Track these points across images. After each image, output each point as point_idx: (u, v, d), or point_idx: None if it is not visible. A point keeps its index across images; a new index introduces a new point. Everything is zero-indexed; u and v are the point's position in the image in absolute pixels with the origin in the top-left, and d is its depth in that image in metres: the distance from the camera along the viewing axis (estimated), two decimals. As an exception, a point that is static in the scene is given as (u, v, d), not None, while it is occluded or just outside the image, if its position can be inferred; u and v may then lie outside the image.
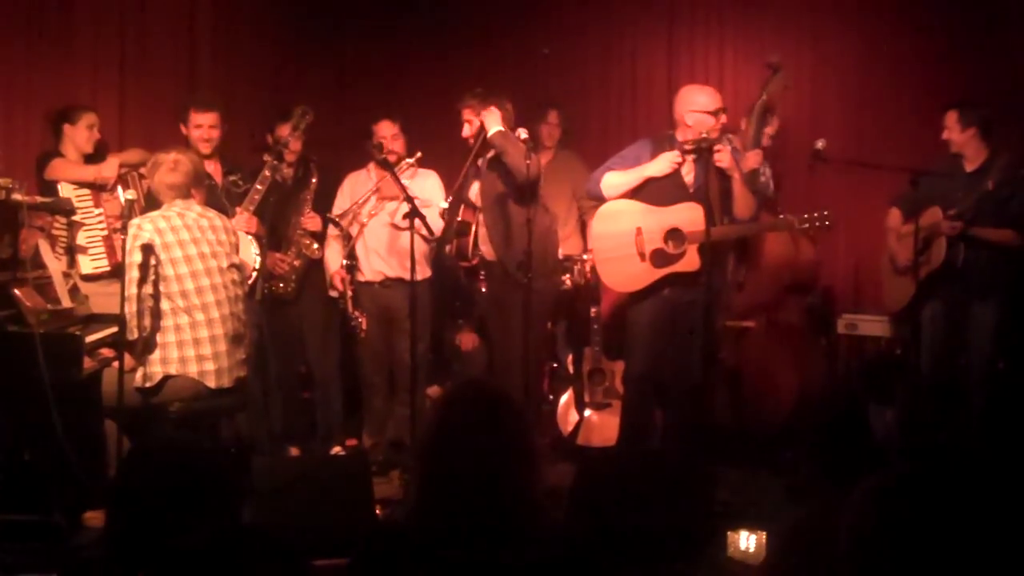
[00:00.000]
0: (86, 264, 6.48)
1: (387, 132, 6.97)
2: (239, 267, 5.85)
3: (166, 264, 5.44)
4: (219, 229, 5.71)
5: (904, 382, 6.83)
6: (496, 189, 6.49)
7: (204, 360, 5.51)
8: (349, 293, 6.92)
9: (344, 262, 6.94)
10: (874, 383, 7.07)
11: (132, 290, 5.34)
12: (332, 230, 7.00)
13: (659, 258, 6.24)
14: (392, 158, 6.83)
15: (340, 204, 7.03)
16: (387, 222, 6.83)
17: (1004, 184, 6.40)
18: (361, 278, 7.00)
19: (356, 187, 7.04)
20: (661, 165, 6.23)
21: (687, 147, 6.19)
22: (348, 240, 6.98)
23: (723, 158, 6.17)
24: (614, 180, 6.34)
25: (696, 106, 6.24)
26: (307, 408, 7.37)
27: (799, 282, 7.18)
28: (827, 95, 7.86)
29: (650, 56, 8.31)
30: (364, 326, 6.90)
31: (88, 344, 5.58)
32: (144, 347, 5.46)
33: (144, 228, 5.44)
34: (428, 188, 6.98)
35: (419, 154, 6.93)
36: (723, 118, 6.30)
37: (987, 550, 2.03)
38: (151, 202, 6.11)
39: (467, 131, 6.60)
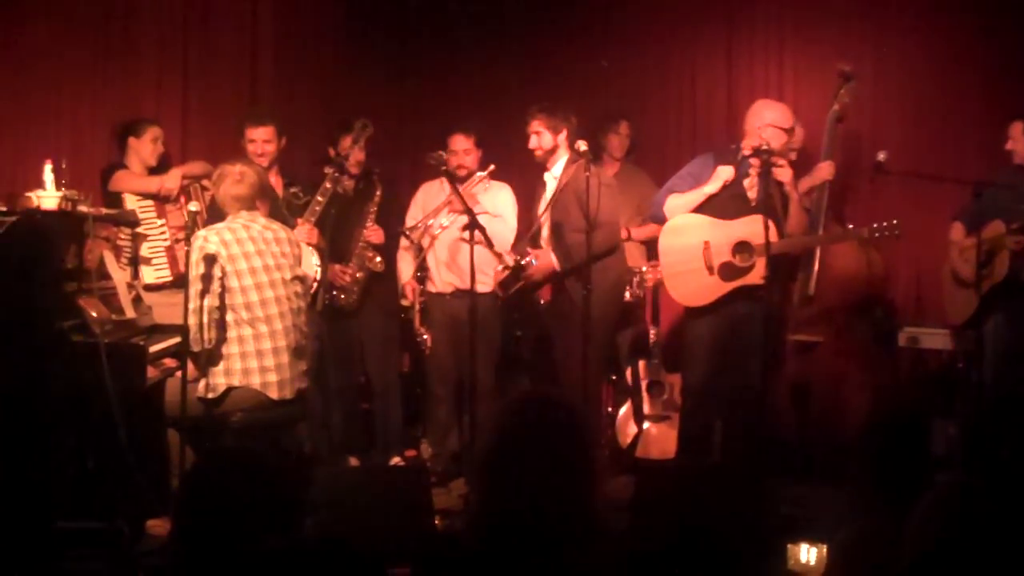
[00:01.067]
0: (149, 275, 6.56)
1: (460, 146, 7.00)
2: (302, 279, 5.88)
3: (231, 276, 5.47)
4: (283, 241, 5.74)
5: (966, 396, 6.76)
6: (561, 201, 6.49)
7: (267, 372, 5.54)
8: (417, 306, 6.96)
9: (415, 273, 6.99)
10: (937, 396, 7.00)
11: (196, 302, 5.39)
12: (404, 240, 7.04)
13: (728, 271, 6.22)
14: (463, 172, 6.88)
15: (413, 214, 7.09)
16: (458, 235, 6.82)
17: None
18: (432, 289, 7.05)
19: (429, 198, 7.08)
20: (717, 183, 6.25)
21: (746, 152, 6.19)
22: (420, 251, 7.02)
23: (783, 173, 6.16)
24: (677, 202, 6.35)
25: (771, 121, 6.24)
26: (366, 419, 7.39)
27: (869, 296, 7.11)
28: (889, 106, 7.80)
29: (709, 68, 8.28)
30: (429, 343, 6.92)
31: (151, 354, 5.63)
32: (208, 358, 5.50)
33: (210, 240, 5.47)
34: (500, 201, 7.02)
35: (492, 167, 6.96)
36: (794, 136, 6.29)
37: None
38: (214, 213, 6.17)
39: (534, 143, 6.64)
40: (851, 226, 6.51)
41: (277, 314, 5.59)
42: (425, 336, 6.96)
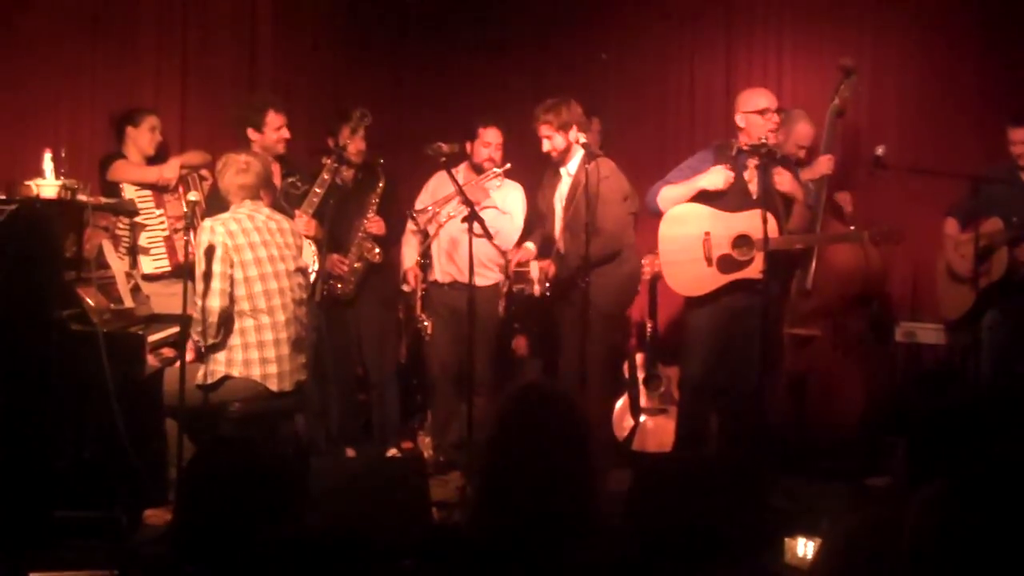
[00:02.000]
0: (147, 264, 6.56)
1: (494, 139, 7.01)
2: (303, 271, 5.90)
3: (236, 267, 5.49)
4: (287, 232, 5.76)
5: (963, 391, 6.77)
6: (575, 200, 6.50)
7: (267, 363, 5.56)
8: (419, 293, 6.97)
9: (419, 259, 6.99)
10: (934, 391, 7.02)
11: (213, 284, 5.43)
12: (411, 226, 7.06)
13: (726, 264, 6.23)
14: (490, 165, 6.91)
15: (422, 199, 7.10)
16: (457, 231, 6.81)
17: None
18: (432, 278, 7.06)
19: (440, 186, 7.06)
20: (714, 179, 6.25)
21: (744, 149, 6.20)
22: (425, 238, 7.03)
23: (783, 181, 6.19)
24: (670, 194, 6.36)
25: (748, 107, 6.29)
26: (363, 410, 7.39)
27: (867, 291, 7.12)
28: (887, 101, 7.81)
29: (708, 62, 8.28)
30: (430, 330, 6.93)
31: (150, 343, 5.64)
32: (211, 347, 5.52)
33: (216, 231, 5.48)
34: (511, 199, 7.05)
35: (508, 166, 6.97)
36: (776, 118, 6.28)
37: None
38: (213, 203, 6.18)
39: (547, 146, 6.64)
40: (852, 227, 6.51)
41: (280, 305, 5.60)
42: (426, 322, 6.96)
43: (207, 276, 5.41)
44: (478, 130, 6.99)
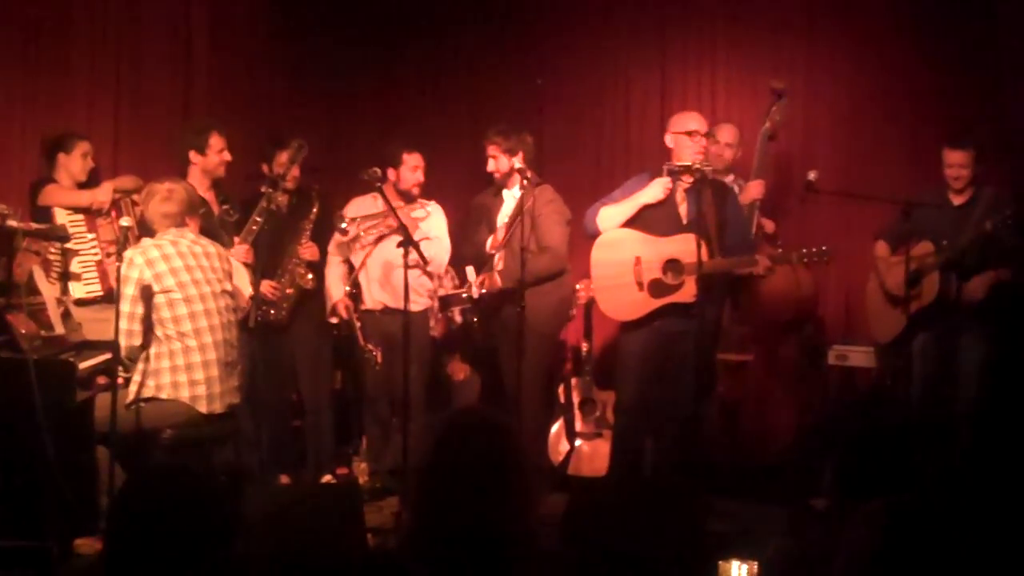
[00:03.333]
0: (78, 289, 6.49)
1: (418, 163, 7.03)
2: (232, 294, 5.87)
3: (158, 294, 5.47)
4: (212, 256, 5.75)
5: (892, 414, 6.84)
6: (518, 222, 6.58)
7: (196, 385, 5.54)
8: (358, 324, 6.93)
9: (347, 289, 6.97)
10: (864, 413, 7.08)
11: (123, 324, 5.43)
12: (333, 258, 7.05)
13: (657, 288, 6.25)
14: (417, 191, 6.94)
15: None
16: (391, 254, 6.79)
17: (1001, 225, 6.39)
18: (363, 306, 7.03)
19: (361, 211, 7.05)
20: (655, 191, 6.27)
21: (673, 169, 6.25)
22: (350, 268, 7.01)
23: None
24: (608, 213, 6.37)
25: (677, 128, 6.36)
26: (298, 436, 7.35)
27: (799, 315, 7.19)
28: (819, 126, 7.89)
29: (643, 86, 8.33)
30: (379, 358, 6.88)
31: (81, 371, 5.58)
32: (140, 373, 5.49)
33: (135, 263, 5.49)
34: (435, 223, 7.07)
35: (434, 201, 7.06)
36: (703, 141, 6.33)
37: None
38: (144, 229, 6.13)
39: (492, 166, 6.81)
40: (781, 250, 6.55)
41: (206, 327, 5.59)
42: (375, 351, 6.90)
43: (124, 301, 5.44)
44: (402, 155, 7.00)
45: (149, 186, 5.79)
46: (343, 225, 6.83)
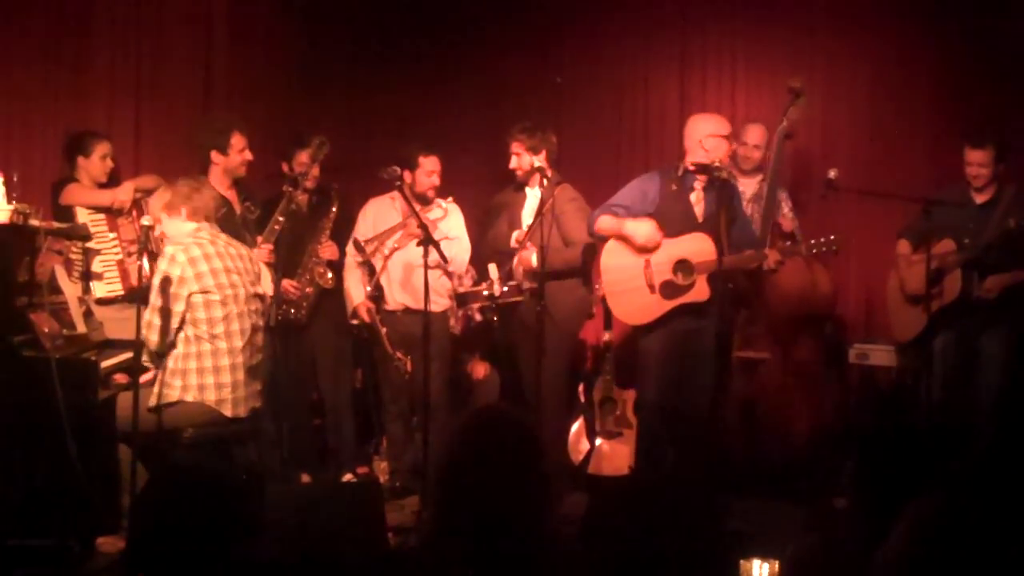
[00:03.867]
0: (100, 289, 6.50)
1: (434, 167, 7.03)
2: (261, 297, 5.88)
3: (196, 294, 5.46)
4: (245, 258, 5.79)
5: (913, 414, 6.82)
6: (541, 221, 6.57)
7: (222, 388, 5.54)
8: (383, 330, 6.91)
9: (368, 290, 6.97)
10: (885, 412, 7.07)
11: (159, 317, 5.42)
12: (352, 258, 7.04)
13: (669, 290, 6.25)
14: (432, 194, 6.94)
15: (361, 229, 7.07)
16: (410, 259, 6.82)
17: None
18: (385, 307, 7.04)
19: (379, 215, 7.08)
20: (640, 232, 6.25)
21: (690, 170, 6.27)
22: (372, 271, 7.01)
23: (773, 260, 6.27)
24: (603, 224, 6.39)
25: (696, 132, 6.32)
26: (319, 435, 7.37)
27: (815, 314, 7.16)
28: (839, 124, 7.88)
29: (662, 85, 8.32)
30: (409, 366, 6.86)
31: (103, 369, 5.60)
32: (167, 372, 5.49)
33: (178, 260, 5.46)
34: (453, 223, 7.06)
35: (451, 198, 7.03)
36: (724, 144, 6.32)
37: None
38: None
39: (514, 163, 6.82)
40: (789, 243, 6.52)
41: (238, 331, 5.60)
42: (404, 359, 6.86)
43: (160, 310, 5.41)
44: (419, 159, 6.99)
45: (177, 185, 5.78)
46: (359, 249, 6.86)
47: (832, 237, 6.18)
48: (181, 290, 5.43)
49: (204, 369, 5.51)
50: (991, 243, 6.46)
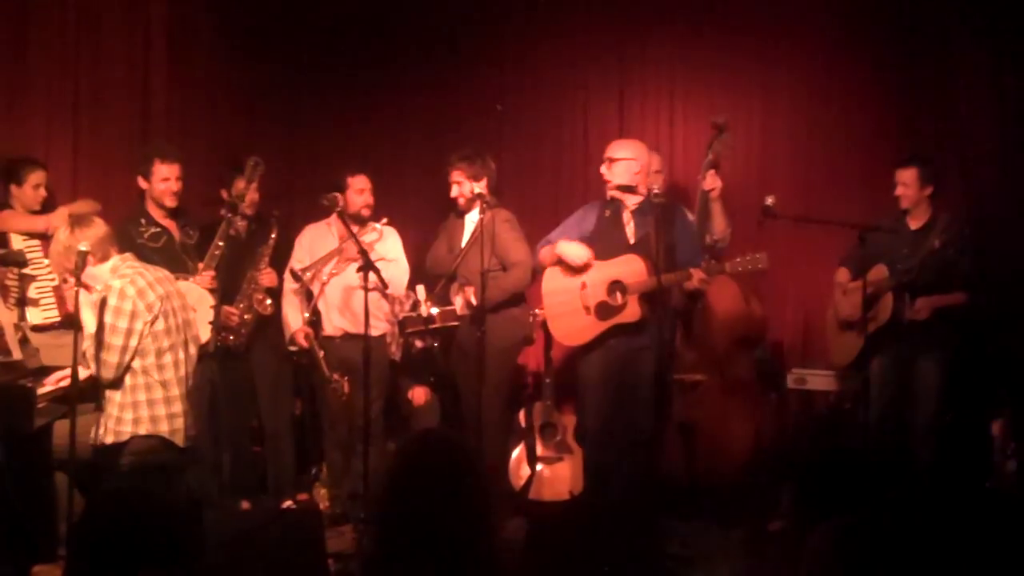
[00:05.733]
0: (36, 315, 6.44)
1: (363, 185, 7.03)
2: (189, 324, 5.81)
3: (144, 325, 5.30)
4: (171, 280, 5.64)
5: (850, 437, 6.88)
6: (477, 245, 6.66)
7: (175, 419, 5.40)
8: (320, 353, 6.89)
9: (306, 316, 6.95)
10: (823, 436, 7.12)
11: (113, 357, 5.26)
12: (290, 285, 7.02)
13: (602, 311, 6.32)
14: (367, 212, 6.95)
15: (298, 256, 7.05)
16: (350, 280, 6.78)
17: (949, 243, 6.51)
18: (323, 333, 7.02)
19: (316, 241, 7.07)
20: (573, 254, 6.38)
21: (612, 192, 6.46)
22: (310, 297, 7.00)
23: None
24: (543, 254, 6.58)
25: (611, 154, 6.53)
26: (258, 462, 7.33)
27: (750, 336, 7.23)
28: (777, 152, 7.96)
29: (602, 113, 8.37)
30: (346, 388, 6.83)
31: (39, 396, 5.54)
32: (117, 407, 5.38)
33: (127, 294, 5.26)
34: (390, 246, 7.06)
35: (385, 220, 7.02)
36: (636, 167, 6.41)
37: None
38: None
39: (455, 192, 6.90)
40: (713, 261, 6.55)
41: (182, 359, 5.47)
42: (342, 381, 6.84)
43: (109, 346, 5.25)
44: (347, 180, 7.00)
45: (74, 214, 5.68)
46: (296, 278, 6.85)
47: (757, 255, 6.23)
48: (135, 324, 5.29)
49: (154, 401, 5.36)
50: (920, 265, 6.55)
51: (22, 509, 5.24)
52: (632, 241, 6.39)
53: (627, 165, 6.43)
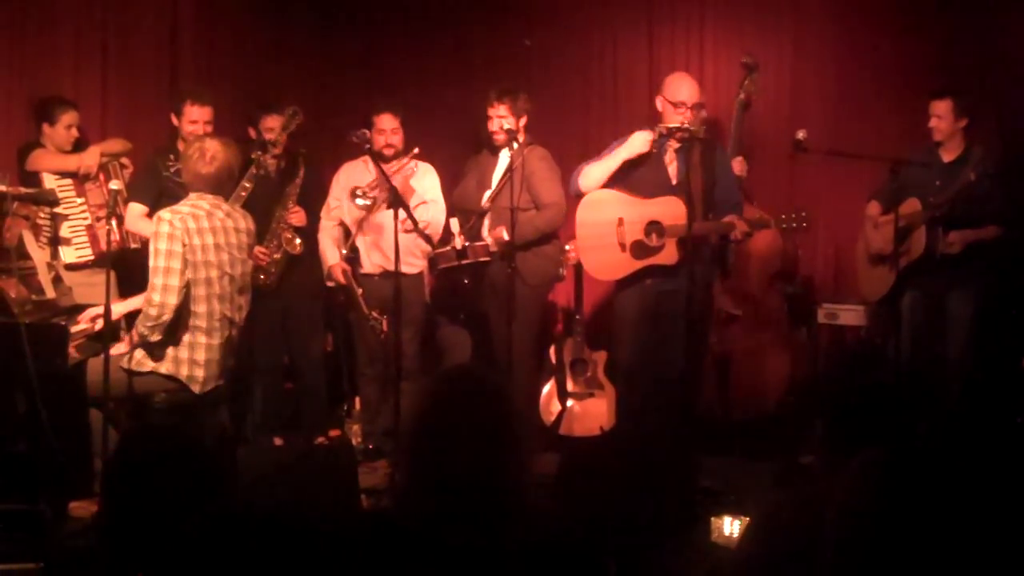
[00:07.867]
0: (69, 254, 6.48)
1: (388, 125, 7.01)
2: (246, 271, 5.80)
3: (188, 267, 5.37)
4: (240, 232, 5.63)
5: (881, 371, 6.87)
6: (512, 182, 6.57)
7: (195, 366, 5.47)
8: (359, 291, 6.90)
9: (344, 252, 6.96)
10: (854, 371, 7.12)
11: (174, 281, 5.32)
12: (326, 222, 7.05)
13: (639, 250, 6.29)
14: (390, 152, 6.92)
15: (335, 194, 7.09)
16: (386, 218, 6.77)
17: (984, 176, 6.45)
18: (361, 270, 7.04)
19: (351, 177, 7.05)
20: (635, 145, 6.29)
21: (663, 130, 6.26)
22: (345, 232, 7.00)
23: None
24: (592, 172, 6.40)
25: (667, 95, 6.35)
26: (290, 399, 7.37)
27: (784, 271, 7.24)
28: (807, 86, 7.89)
29: (631, 48, 8.30)
30: (384, 326, 6.86)
31: (72, 334, 5.58)
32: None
33: (175, 226, 5.33)
34: (428, 185, 7.05)
35: (416, 150, 6.98)
36: (690, 114, 6.30)
37: (970, 533, 2.07)
38: (135, 190, 6.24)
39: (496, 126, 6.76)
40: (760, 215, 6.54)
41: (218, 308, 5.51)
42: (380, 319, 6.86)
43: (166, 272, 5.32)
44: (372, 118, 7.00)
45: (195, 141, 5.71)
46: (359, 200, 6.79)
47: (803, 213, 6.23)
48: (179, 260, 5.33)
49: (180, 343, 5.45)
50: (954, 198, 6.50)
51: (57, 446, 5.28)
52: (674, 182, 6.32)
53: (702, 112, 6.37)
